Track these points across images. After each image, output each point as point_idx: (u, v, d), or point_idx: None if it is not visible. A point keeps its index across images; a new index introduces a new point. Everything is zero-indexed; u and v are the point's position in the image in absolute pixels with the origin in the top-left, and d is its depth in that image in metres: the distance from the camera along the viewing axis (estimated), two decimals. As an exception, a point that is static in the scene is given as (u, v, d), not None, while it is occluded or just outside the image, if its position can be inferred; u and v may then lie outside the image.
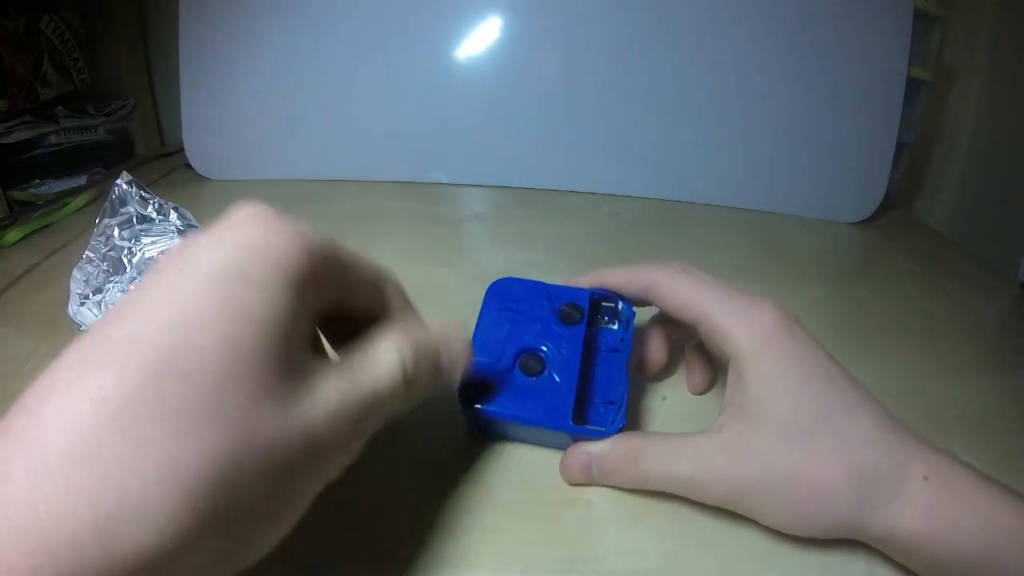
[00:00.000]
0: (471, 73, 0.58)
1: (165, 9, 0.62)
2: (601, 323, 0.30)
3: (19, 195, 0.53)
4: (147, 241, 0.34)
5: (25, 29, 0.53)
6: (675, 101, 0.57)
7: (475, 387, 0.25)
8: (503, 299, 0.28)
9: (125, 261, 0.33)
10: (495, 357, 0.26)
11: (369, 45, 0.57)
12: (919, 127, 0.61)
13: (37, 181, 0.56)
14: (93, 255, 0.34)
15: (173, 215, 0.35)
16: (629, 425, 0.25)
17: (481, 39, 0.57)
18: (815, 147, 0.57)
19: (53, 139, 0.57)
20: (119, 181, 0.35)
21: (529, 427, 0.25)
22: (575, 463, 0.25)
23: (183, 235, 0.34)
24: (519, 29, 0.57)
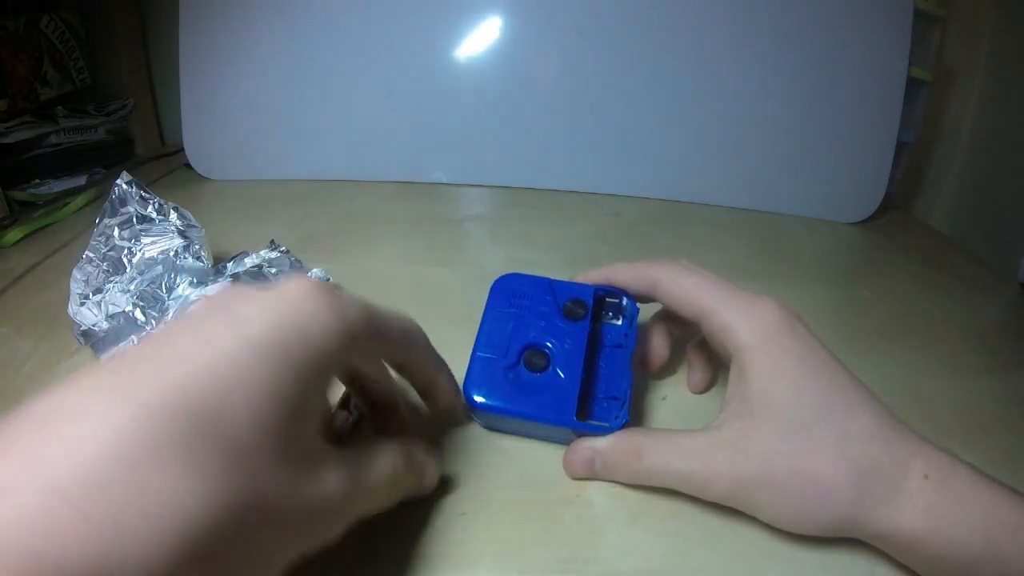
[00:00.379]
0: (471, 73, 0.58)
1: (165, 9, 0.62)
2: (605, 319, 0.30)
3: (19, 195, 0.53)
4: (147, 241, 0.34)
5: (25, 29, 0.53)
6: (675, 101, 0.57)
7: (479, 383, 0.26)
8: (508, 295, 0.28)
9: (125, 261, 0.33)
10: (500, 353, 0.26)
11: (369, 45, 0.57)
12: (919, 127, 0.60)
13: (37, 181, 0.56)
14: (93, 255, 0.34)
15: (173, 215, 0.35)
16: (631, 422, 0.26)
17: (481, 39, 0.57)
18: (815, 147, 0.57)
19: (53, 139, 0.57)
20: (119, 181, 0.35)
21: (533, 423, 0.26)
22: (578, 458, 0.25)
23: (183, 235, 0.34)
24: (519, 29, 0.57)
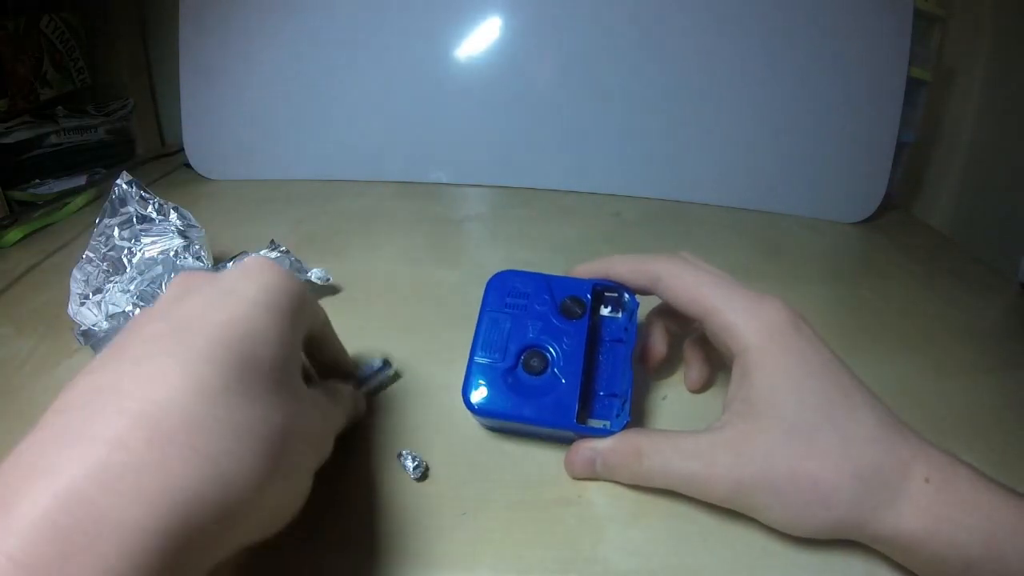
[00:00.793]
0: (471, 73, 0.58)
1: (165, 9, 0.62)
2: (604, 312, 0.29)
3: (19, 195, 0.53)
4: (147, 241, 0.34)
5: (25, 29, 0.53)
6: (675, 101, 0.57)
7: (478, 387, 0.25)
8: (503, 294, 0.28)
9: (125, 261, 0.33)
10: (498, 356, 0.26)
11: (369, 45, 0.57)
12: (919, 127, 0.60)
13: (37, 181, 0.56)
14: (93, 255, 0.34)
15: (173, 215, 0.35)
16: (632, 422, 0.25)
17: (481, 39, 0.57)
18: (815, 147, 0.57)
19: (53, 139, 0.57)
20: (119, 181, 0.35)
21: (533, 426, 0.25)
22: (579, 459, 0.25)
23: (183, 235, 0.34)
24: (519, 29, 0.57)
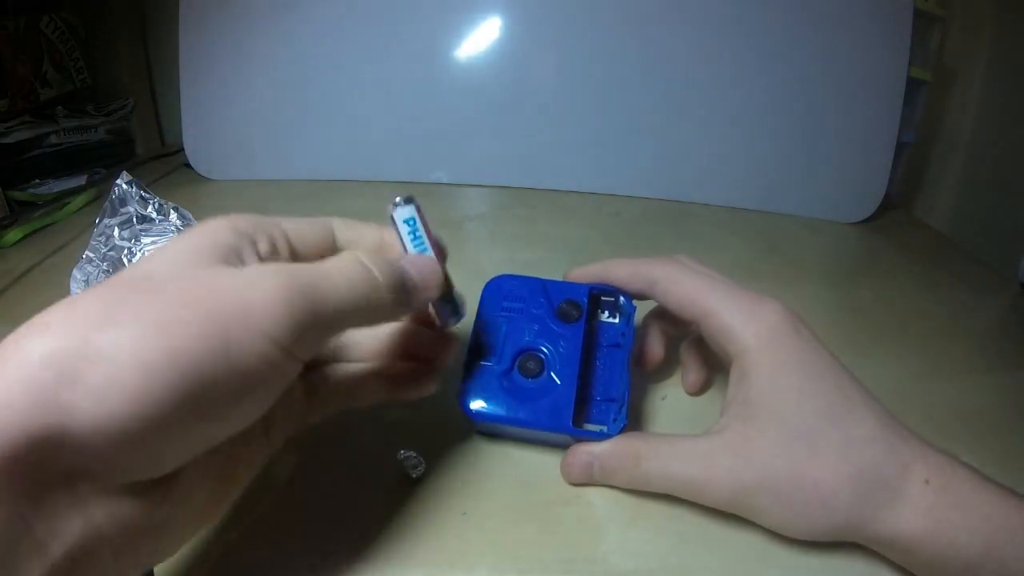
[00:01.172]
0: (471, 73, 0.58)
1: (165, 9, 0.62)
2: (601, 317, 0.29)
3: (19, 195, 0.53)
4: (147, 241, 0.34)
5: (25, 29, 0.53)
6: (675, 101, 0.57)
7: (474, 390, 0.25)
8: (499, 298, 0.28)
9: (125, 261, 0.33)
10: (493, 359, 0.26)
11: (369, 45, 0.57)
12: (919, 127, 0.61)
13: (37, 181, 0.56)
14: (93, 255, 0.34)
15: (173, 215, 0.35)
16: (630, 424, 0.25)
17: (481, 39, 0.57)
18: (815, 147, 0.57)
19: (53, 139, 0.57)
20: (119, 181, 0.35)
21: (529, 429, 0.25)
22: (576, 463, 0.25)
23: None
24: (519, 29, 0.57)
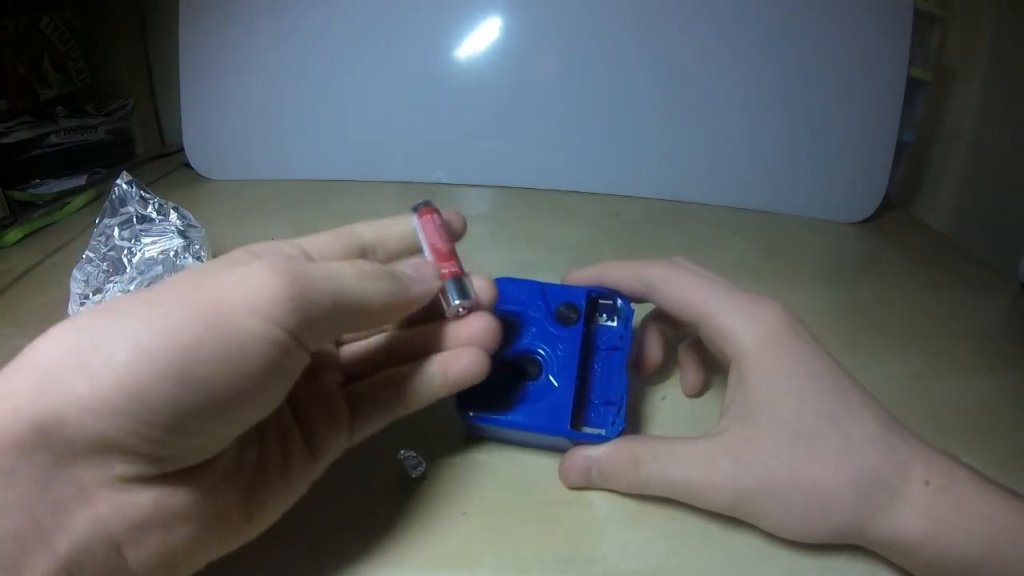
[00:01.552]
0: (471, 73, 0.58)
1: (165, 9, 0.62)
2: (599, 320, 0.29)
3: (19, 195, 0.53)
4: (147, 241, 0.34)
5: (25, 29, 0.53)
6: (676, 101, 0.57)
7: (471, 392, 0.25)
8: (498, 301, 0.28)
9: (125, 261, 0.33)
10: (491, 361, 0.26)
11: (369, 45, 0.57)
12: (919, 127, 0.60)
13: (37, 181, 0.56)
14: (93, 255, 0.34)
15: (173, 215, 0.35)
16: (629, 426, 0.25)
17: (481, 39, 0.57)
18: (815, 147, 0.57)
19: (53, 139, 0.57)
20: (119, 181, 0.35)
21: (527, 432, 0.25)
22: (574, 467, 0.25)
23: (183, 235, 0.34)
24: (519, 29, 0.57)
